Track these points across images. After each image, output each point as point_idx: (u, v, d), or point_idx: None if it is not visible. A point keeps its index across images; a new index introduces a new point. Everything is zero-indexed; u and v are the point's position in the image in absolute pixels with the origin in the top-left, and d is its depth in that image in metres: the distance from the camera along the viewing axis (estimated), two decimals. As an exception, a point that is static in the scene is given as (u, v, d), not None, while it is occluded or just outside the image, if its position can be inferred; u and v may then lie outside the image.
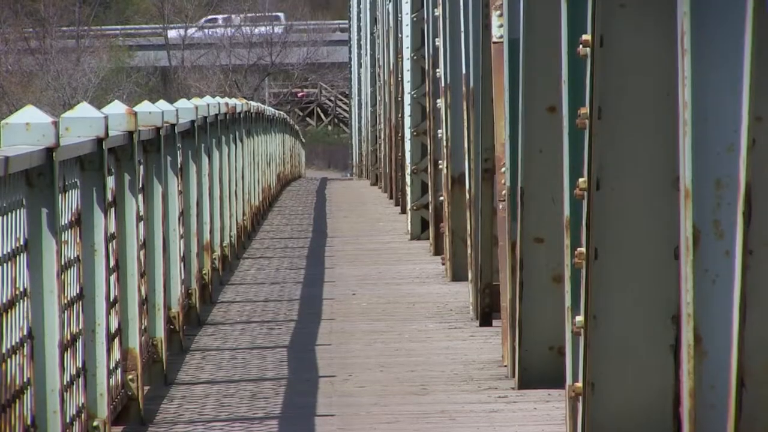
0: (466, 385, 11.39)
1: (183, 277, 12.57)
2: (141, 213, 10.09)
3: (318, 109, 76.74)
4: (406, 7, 24.26)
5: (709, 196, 6.11)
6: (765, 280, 6.13)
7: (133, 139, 9.42)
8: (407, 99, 24.03)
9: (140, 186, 10.03)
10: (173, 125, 12.25)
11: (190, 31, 75.64)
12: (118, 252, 9.83)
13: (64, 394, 7.24)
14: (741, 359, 6.12)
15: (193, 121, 14.29)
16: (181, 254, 12.51)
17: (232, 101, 20.87)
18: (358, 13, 43.28)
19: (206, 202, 15.80)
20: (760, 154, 5.57)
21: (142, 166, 10.32)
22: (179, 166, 12.75)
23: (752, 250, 6.07)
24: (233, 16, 76.54)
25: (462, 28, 15.02)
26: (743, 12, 5.66)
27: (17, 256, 5.95)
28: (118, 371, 9.09)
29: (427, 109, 20.95)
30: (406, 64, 24.10)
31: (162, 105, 11.78)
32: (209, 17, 76.67)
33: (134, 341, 9.48)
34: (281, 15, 74.90)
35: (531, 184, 10.48)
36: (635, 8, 7.56)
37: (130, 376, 9.29)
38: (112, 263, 8.74)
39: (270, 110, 34.00)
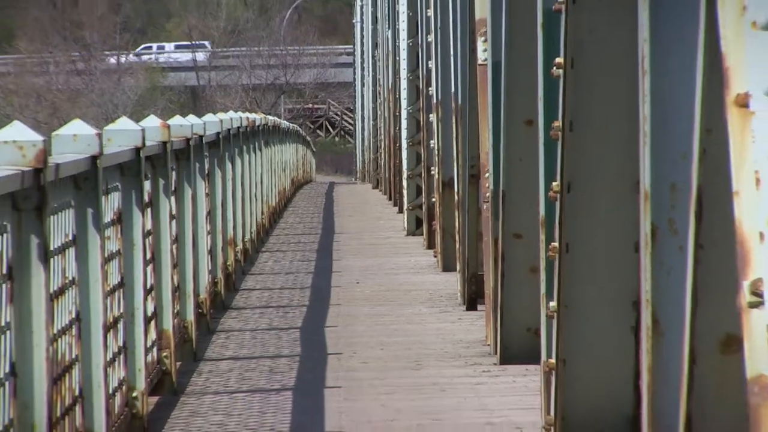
0: (455, 361, 11.27)
1: (210, 267, 12.67)
2: (173, 212, 10.32)
3: (326, 123, 77.80)
4: (403, 34, 24.15)
5: (665, 198, 5.98)
6: (713, 272, 5.87)
7: (166, 149, 9.48)
8: (404, 114, 23.72)
9: (173, 189, 10.24)
10: (201, 136, 12.21)
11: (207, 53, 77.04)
12: (154, 246, 9.82)
13: (108, 369, 7.25)
14: (692, 340, 5.95)
15: (218, 133, 14.19)
16: (209, 248, 12.57)
17: (252, 116, 20.66)
18: (362, 38, 43.30)
19: (230, 203, 15.69)
20: (709, 162, 5.55)
21: (174, 172, 10.50)
22: (206, 171, 12.76)
23: (702, 245, 5.88)
24: (166, 44, 78.39)
25: (451, 52, 14.60)
26: (696, 40, 5.62)
27: (66, 250, 6.00)
28: (154, 349, 9.20)
29: (421, 123, 21.12)
30: (403, 83, 23.82)
31: (191, 119, 11.84)
32: (145, 45, 78.30)
33: (168, 323, 9.59)
34: (207, 43, 75.22)
35: (511, 188, 10.53)
36: (602, 35, 7.48)
37: (164, 354, 9.42)
38: (148, 256, 8.85)
39: (285, 123, 34.76)
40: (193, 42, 74.45)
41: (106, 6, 77.25)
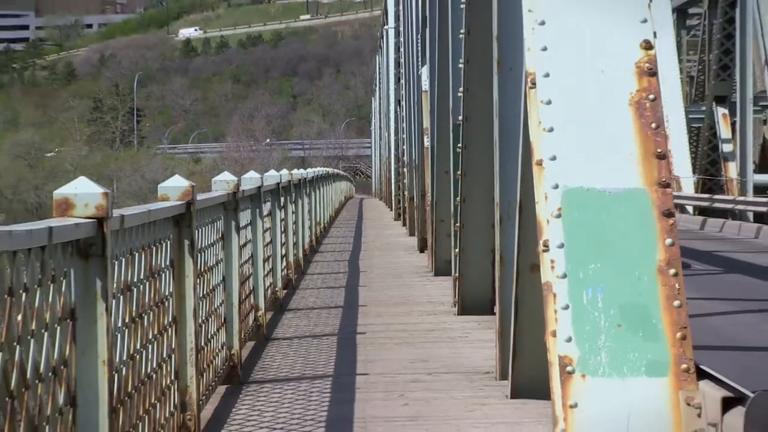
0: (414, 274, 16.44)
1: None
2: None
3: (359, 172, 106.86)
4: (392, 132, 38.93)
5: (511, 191, 7.66)
6: (527, 234, 6.83)
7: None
8: (392, 168, 38.60)
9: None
10: (289, 181, 15.65)
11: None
12: (272, 236, 12.49)
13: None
14: (518, 266, 7.22)
15: (304, 178, 19.40)
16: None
17: (324, 169, 33.91)
18: (373, 135, 71.33)
19: (319, 206, 24.87)
20: (525, 181, 5.74)
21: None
22: (293, 199, 16.53)
23: (522, 225, 7.11)
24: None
25: (414, 142, 22.99)
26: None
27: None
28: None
29: (399, 172, 33.38)
30: (392, 155, 38.24)
31: (284, 173, 15.15)
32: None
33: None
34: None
35: (440, 201, 15.08)
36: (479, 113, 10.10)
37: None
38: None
39: (341, 172, 57.68)
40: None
41: (264, 117, 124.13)
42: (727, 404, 4.32)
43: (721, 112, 37.73)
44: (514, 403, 7.19)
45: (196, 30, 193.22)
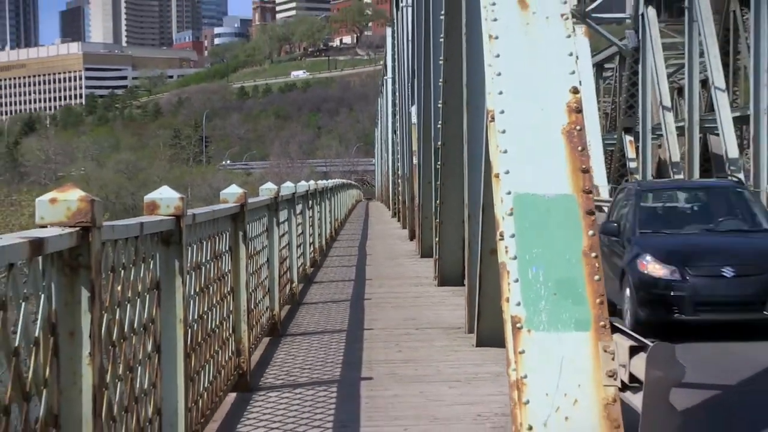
0: (406, 256, 15.92)
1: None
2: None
3: (366, 182, 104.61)
4: (391, 155, 36.54)
5: (476, 193, 7.80)
6: (488, 227, 7.00)
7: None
8: (390, 179, 37.37)
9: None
10: (315, 189, 15.39)
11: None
12: (303, 228, 12.38)
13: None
14: (481, 249, 7.31)
15: (325, 187, 19.02)
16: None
17: (340, 180, 33.07)
18: (377, 155, 67.42)
19: (336, 208, 23.05)
20: (487, 189, 5.59)
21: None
22: (318, 202, 15.88)
23: (485, 222, 7.21)
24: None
25: (404, 161, 23.65)
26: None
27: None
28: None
29: (396, 182, 31.50)
30: (390, 170, 37.52)
31: (311, 183, 15.02)
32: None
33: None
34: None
35: (425, 204, 14.42)
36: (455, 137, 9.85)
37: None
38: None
39: (352, 182, 55.35)
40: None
41: (297, 142, 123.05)
42: (633, 351, 4.29)
43: (628, 139, 37.81)
44: (478, 350, 7.19)
45: (304, 72, 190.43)
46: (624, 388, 4.32)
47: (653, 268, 8.81)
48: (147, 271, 3.63)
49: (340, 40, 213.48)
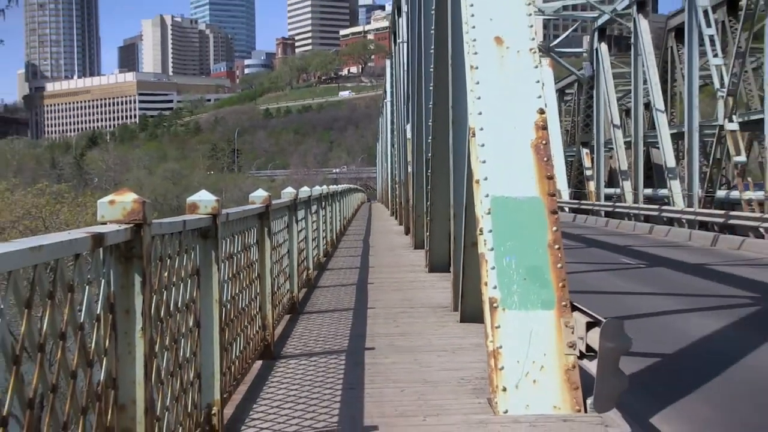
0: (402, 248, 15.40)
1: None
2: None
3: (370, 186, 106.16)
4: (389, 164, 35.88)
5: (459, 192, 7.62)
6: (470, 224, 6.56)
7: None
8: (389, 184, 36.53)
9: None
10: (327, 193, 14.72)
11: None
12: (317, 226, 11.95)
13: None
14: (464, 243, 7.05)
15: (335, 191, 18.38)
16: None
17: (348, 185, 32.38)
18: (377, 165, 69.54)
19: (345, 208, 22.51)
20: (469, 192, 5.50)
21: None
22: (330, 203, 15.23)
23: (467, 221, 6.80)
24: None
25: (399, 171, 24.21)
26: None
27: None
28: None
29: (394, 186, 31.19)
30: (388, 177, 37.40)
31: (324, 188, 14.27)
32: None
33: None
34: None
35: (417, 204, 14.14)
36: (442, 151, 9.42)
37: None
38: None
39: (358, 187, 54.43)
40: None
41: (312, 154, 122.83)
42: (590, 326, 4.29)
43: (584, 151, 37.88)
44: (462, 325, 7.11)
45: (349, 93, 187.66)
46: (581, 356, 4.33)
47: None
48: (189, 260, 3.57)
49: (348, 70, 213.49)
